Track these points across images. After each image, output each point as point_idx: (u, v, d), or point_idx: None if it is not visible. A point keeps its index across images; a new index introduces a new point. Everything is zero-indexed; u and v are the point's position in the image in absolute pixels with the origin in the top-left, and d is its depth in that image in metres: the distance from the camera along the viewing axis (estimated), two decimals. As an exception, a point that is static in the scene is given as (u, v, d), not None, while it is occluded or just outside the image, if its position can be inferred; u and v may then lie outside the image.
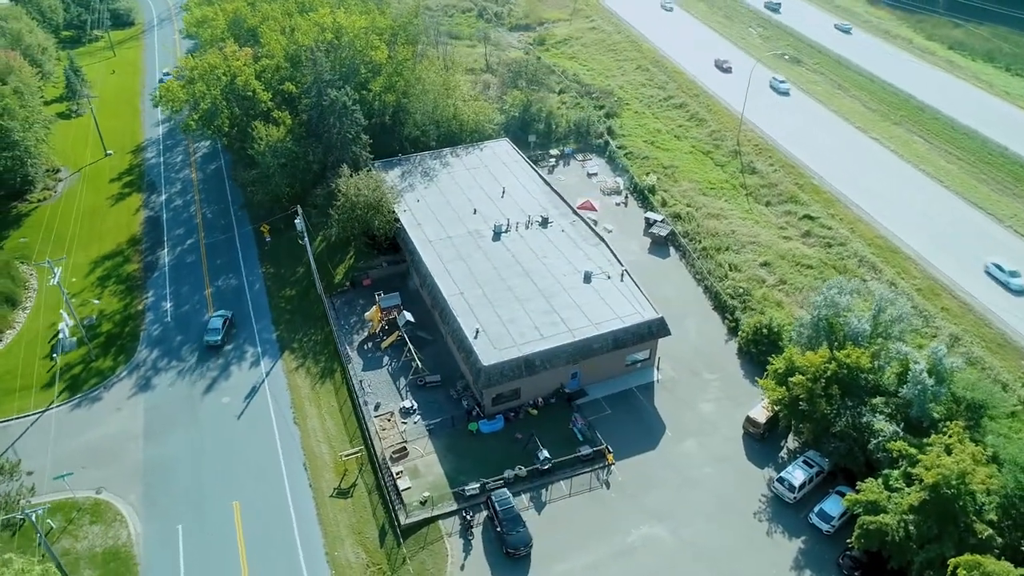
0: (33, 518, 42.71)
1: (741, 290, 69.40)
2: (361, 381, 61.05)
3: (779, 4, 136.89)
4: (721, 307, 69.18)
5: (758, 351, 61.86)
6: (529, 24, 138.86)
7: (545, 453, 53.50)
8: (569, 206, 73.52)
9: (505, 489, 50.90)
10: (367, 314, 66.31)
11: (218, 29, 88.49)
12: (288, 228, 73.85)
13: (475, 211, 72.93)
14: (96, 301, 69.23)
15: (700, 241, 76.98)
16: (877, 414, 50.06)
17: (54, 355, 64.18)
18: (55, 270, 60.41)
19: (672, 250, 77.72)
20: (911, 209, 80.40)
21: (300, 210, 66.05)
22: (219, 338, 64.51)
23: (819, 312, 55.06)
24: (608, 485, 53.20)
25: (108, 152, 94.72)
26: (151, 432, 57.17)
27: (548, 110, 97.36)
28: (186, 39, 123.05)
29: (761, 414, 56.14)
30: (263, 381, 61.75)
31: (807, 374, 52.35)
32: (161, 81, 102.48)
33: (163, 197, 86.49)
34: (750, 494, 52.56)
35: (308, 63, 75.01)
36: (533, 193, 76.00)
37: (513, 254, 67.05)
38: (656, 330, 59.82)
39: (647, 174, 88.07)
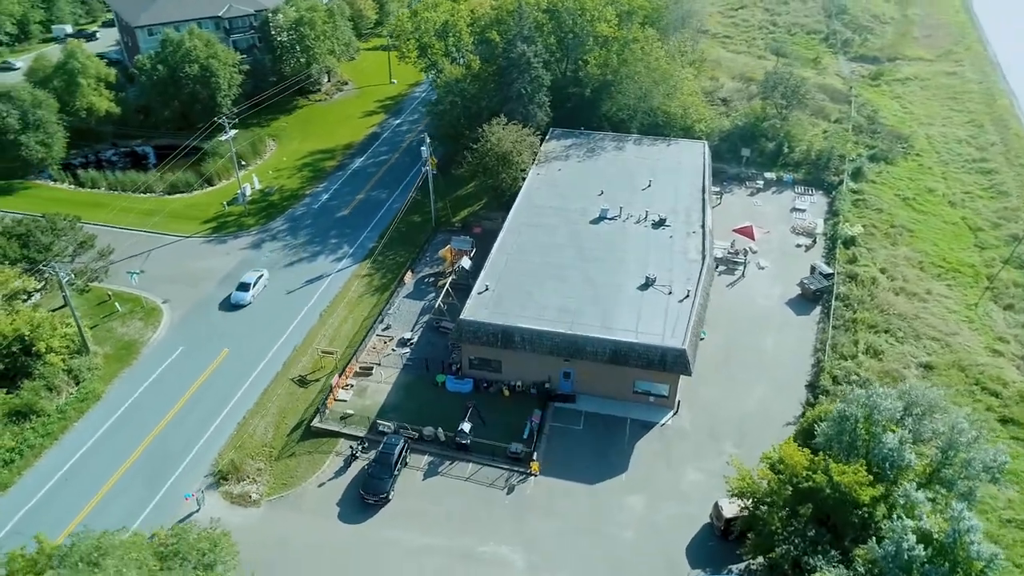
0: (63, 276, 53.77)
1: (856, 378, 52.54)
2: (394, 303, 62.29)
3: None
4: (815, 387, 53.36)
5: (804, 443, 46.42)
6: (879, 57, 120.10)
7: (465, 427, 48.53)
8: (703, 222, 63.12)
9: (401, 438, 47.79)
10: (441, 251, 66.94)
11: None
12: (456, 166, 77.40)
13: (601, 193, 67.50)
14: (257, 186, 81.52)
15: (856, 311, 59.83)
16: (841, 565, 34.46)
17: (227, 204, 78.14)
18: (230, 132, 73.47)
19: (818, 310, 61.83)
20: None
21: (427, 138, 68.98)
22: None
23: (848, 408, 39.34)
24: (511, 491, 46.18)
25: (392, 81, 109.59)
26: (229, 276, 66.45)
27: (787, 130, 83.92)
28: None
29: (731, 507, 42.58)
30: (330, 275, 66.83)
31: (783, 473, 38.34)
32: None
33: (397, 121, 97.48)
34: (651, 583, 40.77)
35: (515, 16, 76.81)
36: (681, 197, 67.05)
37: (596, 240, 60.86)
38: (671, 363, 49.02)
39: (856, 224, 70.80)
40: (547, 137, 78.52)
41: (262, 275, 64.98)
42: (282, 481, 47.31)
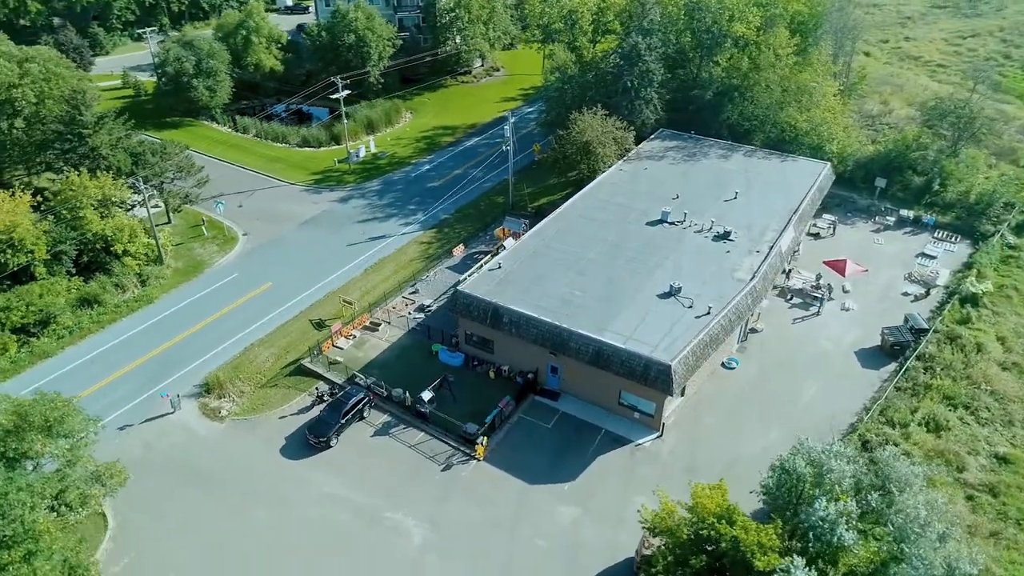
0: (148, 193, 60.71)
1: (895, 447, 43.20)
2: (431, 271, 62.48)
3: None
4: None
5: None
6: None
7: (425, 395, 47.20)
8: (773, 243, 55.65)
9: (363, 391, 47.71)
10: (496, 230, 65.84)
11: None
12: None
13: (676, 196, 62.25)
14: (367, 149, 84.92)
15: (938, 377, 49.24)
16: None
17: (338, 161, 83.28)
18: (342, 92, 78.02)
19: (892, 367, 51.79)
20: None
21: (509, 117, 68.14)
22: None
23: (792, 460, 32.34)
24: (447, 468, 44.15)
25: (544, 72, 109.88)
26: (308, 223, 70.77)
27: (942, 165, 71.11)
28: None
29: (650, 544, 37.01)
30: (393, 236, 68.51)
31: (694, 514, 32.72)
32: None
33: (530, 109, 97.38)
34: (537, 600, 36.72)
35: (637, 8, 73.32)
36: (764, 215, 59.66)
37: (642, 241, 56.20)
38: (653, 377, 43.65)
39: (987, 281, 58.25)
40: (651, 136, 74.10)
41: None
42: (253, 406, 49.35)
